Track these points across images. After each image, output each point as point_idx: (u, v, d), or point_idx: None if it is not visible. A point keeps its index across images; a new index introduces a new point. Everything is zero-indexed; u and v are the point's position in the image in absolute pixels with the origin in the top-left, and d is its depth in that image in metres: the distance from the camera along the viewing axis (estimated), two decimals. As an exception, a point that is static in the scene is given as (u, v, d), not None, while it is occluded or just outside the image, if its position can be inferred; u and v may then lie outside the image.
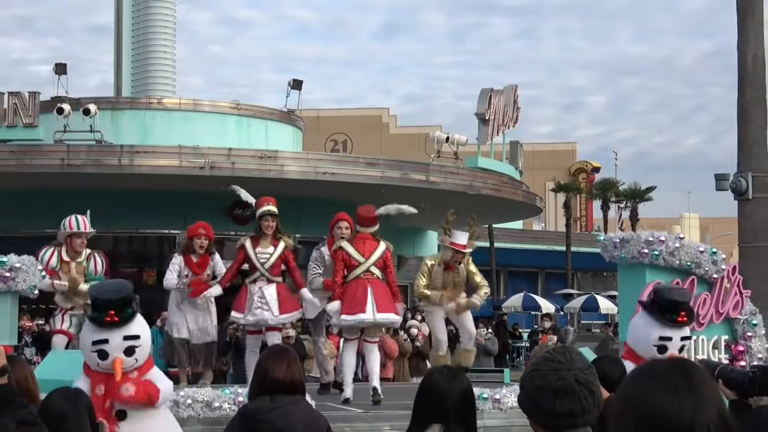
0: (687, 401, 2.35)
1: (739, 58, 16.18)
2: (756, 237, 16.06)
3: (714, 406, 2.37)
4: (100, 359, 6.84)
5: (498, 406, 10.28)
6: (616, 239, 10.96)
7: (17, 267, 9.36)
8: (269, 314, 11.88)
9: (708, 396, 2.40)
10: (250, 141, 30.85)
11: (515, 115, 33.00)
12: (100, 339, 6.82)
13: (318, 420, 5.44)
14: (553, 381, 3.27)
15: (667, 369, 2.44)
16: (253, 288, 11.91)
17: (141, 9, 41.37)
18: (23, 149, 25.93)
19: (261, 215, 12.03)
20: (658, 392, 2.38)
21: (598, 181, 60.69)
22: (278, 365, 5.32)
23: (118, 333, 6.81)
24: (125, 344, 6.83)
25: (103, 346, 6.82)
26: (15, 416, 3.89)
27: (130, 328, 6.87)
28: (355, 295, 11.67)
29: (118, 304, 6.84)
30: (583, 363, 3.38)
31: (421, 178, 26.90)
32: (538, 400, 3.29)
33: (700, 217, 76.79)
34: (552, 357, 3.38)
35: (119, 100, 35.48)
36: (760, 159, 16.12)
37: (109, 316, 6.80)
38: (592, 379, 3.33)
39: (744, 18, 16.19)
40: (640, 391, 2.40)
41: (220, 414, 9.08)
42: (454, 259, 12.56)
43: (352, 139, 62.73)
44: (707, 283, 10.83)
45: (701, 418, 2.35)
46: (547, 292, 45.39)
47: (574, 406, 3.25)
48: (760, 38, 16.21)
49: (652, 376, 2.43)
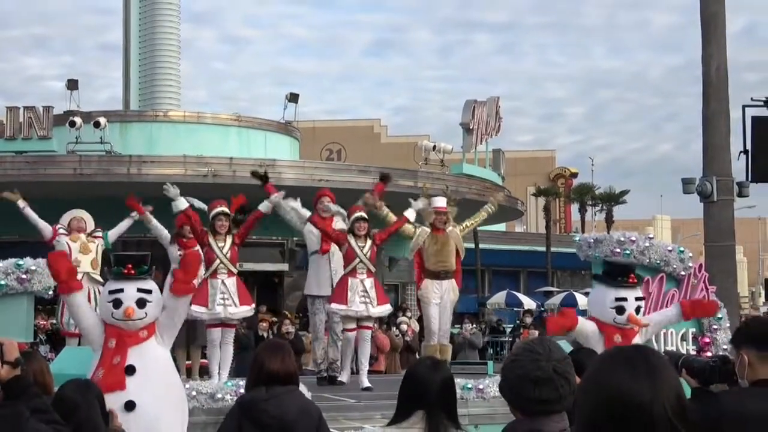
0: (646, 383, 2.41)
1: (704, 70, 16.22)
2: (720, 236, 16.11)
3: (671, 389, 2.43)
4: (114, 308, 7.12)
5: (481, 396, 10.30)
6: (590, 239, 11.02)
7: (33, 270, 9.39)
8: (232, 308, 11.54)
9: (666, 379, 2.45)
10: (250, 151, 30.83)
11: (497, 125, 33.06)
12: (116, 288, 7.20)
13: (311, 408, 5.49)
14: (532, 371, 3.31)
15: (630, 355, 2.50)
16: (215, 282, 11.52)
17: (148, 28, 41.35)
18: (38, 160, 25.91)
19: (214, 216, 11.74)
20: (620, 375, 2.44)
21: (576, 185, 60.74)
22: (273, 358, 5.37)
23: (133, 284, 7.17)
24: (138, 296, 7.16)
25: (119, 295, 7.15)
26: (29, 405, 3.94)
27: (144, 283, 7.25)
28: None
29: (136, 259, 7.26)
30: (561, 354, 3.42)
31: (410, 184, 26.89)
32: (518, 388, 3.33)
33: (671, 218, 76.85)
34: (531, 348, 3.42)
35: (127, 114, 35.46)
36: (723, 164, 16.17)
37: (126, 268, 7.17)
38: (569, 368, 3.38)
39: (707, 32, 16.22)
40: (604, 374, 2.46)
41: (223, 405, 9.08)
42: (438, 219, 12.53)
43: (345, 149, 62.66)
44: (675, 280, 10.89)
45: (659, 398, 2.41)
46: (528, 290, 45.38)
47: (552, 394, 3.29)
48: (723, 51, 16.24)
49: (616, 361, 2.49)
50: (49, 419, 4.00)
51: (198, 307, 11.51)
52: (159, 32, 41.40)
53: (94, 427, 4.67)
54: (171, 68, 41.98)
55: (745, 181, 16.35)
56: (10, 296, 9.35)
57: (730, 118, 16.33)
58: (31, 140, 27.11)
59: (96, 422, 4.71)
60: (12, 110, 27.71)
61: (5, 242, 25.57)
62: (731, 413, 4.11)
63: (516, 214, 36.29)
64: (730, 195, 16.12)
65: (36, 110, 27.47)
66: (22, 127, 27.19)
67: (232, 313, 11.61)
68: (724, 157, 16.19)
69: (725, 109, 16.20)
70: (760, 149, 15.91)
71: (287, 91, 34.10)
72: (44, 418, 3.97)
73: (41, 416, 3.96)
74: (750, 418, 4.06)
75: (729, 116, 16.32)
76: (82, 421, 4.59)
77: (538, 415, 3.29)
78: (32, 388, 4.05)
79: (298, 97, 33.96)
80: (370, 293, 12.25)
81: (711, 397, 4.34)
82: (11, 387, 3.96)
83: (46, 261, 7.99)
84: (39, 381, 5.07)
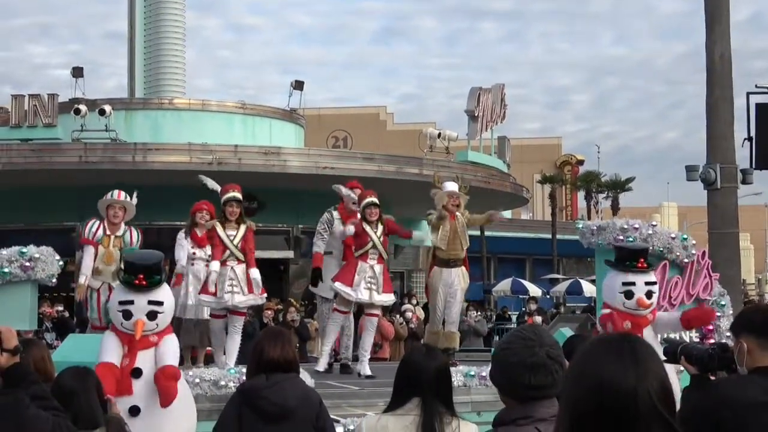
0: (631, 370, 2.43)
1: (708, 57, 16.17)
2: (724, 224, 16.09)
3: (656, 376, 2.45)
4: (124, 318, 6.99)
5: (484, 383, 10.27)
6: (593, 227, 10.99)
7: (36, 257, 9.42)
8: (240, 296, 11.46)
9: (651, 366, 2.47)
10: (255, 138, 30.81)
11: (503, 112, 33.04)
12: (126, 300, 7.00)
13: (311, 395, 5.51)
14: (526, 357, 3.33)
15: (616, 342, 2.53)
16: (224, 270, 11.42)
17: (153, 16, 41.32)
18: (43, 147, 25.93)
19: (226, 201, 11.56)
20: (606, 361, 2.46)
21: (582, 173, 60.65)
22: (273, 346, 5.38)
23: (144, 296, 6.99)
24: (149, 308, 6.99)
25: (129, 307, 6.98)
26: (29, 392, 3.97)
27: (155, 294, 7.03)
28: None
29: (148, 269, 7.02)
30: (551, 339, 3.46)
31: (415, 171, 26.90)
32: (513, 375, 3.34)
33: (678, 205, 76.75)
34: (523, 335, 3.44)
35: (132, 101, 35.43)
36: (727, 152, 16.13)
37: (138, 279, 6.97)
38: (560, 353, 3.40)
39: (712, 20, 16.18)
40: (590, 361, 2.49)
41: (226, 392, 9.09)
42: (452, 203, 12.52)
43: (351, 136, 62.65)
44: (679, 267, 10.86)
45: (643, 385, 2.43)
46: (534, 277, 45.39)
47: (546, 379, 3.32)
48: (727, 39, 16.20)
49: (602, 348, 2.51)
50: (48, 406, 4.02)
51: (206, 296, 11.53)
52: (164, 20, 41.37)
53: (92, 414, 4.68)
54: (176, 56, 41.96)
55: (749, 168, 16.33)
56: (14, 284, 9.38)
57: (734, 105, 16.30)
58: (36, 128, 27.11)
59: (94, 409, 4.72)
60: (17, 98, 27.71)
61: (10, 230, 25.65)
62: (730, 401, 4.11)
63: (521, 202, 36.28)
64: (734, 182, 16.09)
65: (41, 98, 27.47)
66: (27, 115, 27.19)
67: (240, 301, 11.52)
68: (728, 145, 16.16)
69: (729, 97, 16.17)
70: (765, 136, 15.89)
71: (292, 79, 34.12)
72: (44, 405, 3.99)
73: (41, 403, 3.98)
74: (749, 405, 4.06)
75: (733, 104, 16.29)
76: (81, 408, 4.61)
77: (530, 401, 3.32)
78: (31, 376, 4.07)
79: (303, 85, 33.93)
80: (379, 279, 12.21)
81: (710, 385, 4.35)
82: (10, 374, 3.97)
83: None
84: (40, 368, 5.09)
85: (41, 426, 3.91)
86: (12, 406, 3.91)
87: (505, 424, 3.34)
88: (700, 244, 11.59)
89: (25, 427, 3.89)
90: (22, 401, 3.90)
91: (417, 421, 4.42)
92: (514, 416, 3.32)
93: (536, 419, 3.29)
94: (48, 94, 27.75)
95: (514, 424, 3.31)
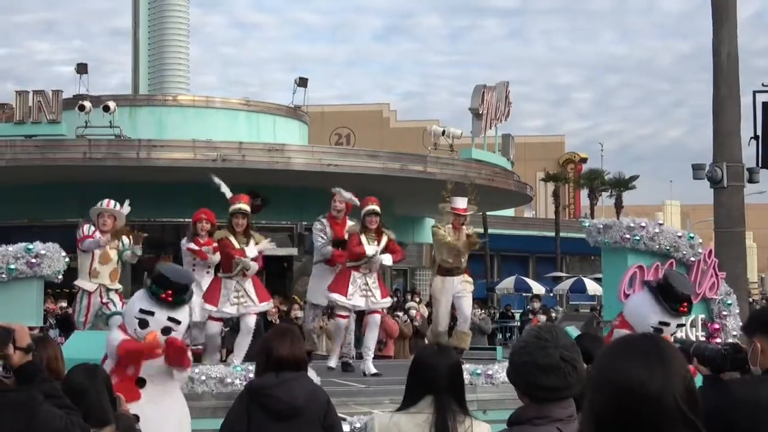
0: (657, 373, 2.39)
1: (714, 56, 16.15)
2: (730, 222, 16.06)
3: (681, 379, 2.40)
4: (140, 327, 7.01)
5: (490, 381, 10.27)
6: (599, 225, 10.95)
7: (42, 254, 9.40)
8: (250, 305, 11.41)
9: (676, 370, 2.42)
10: (259, 135, 30.79)
11: (507, 110, 32.94)
12: (148, 310, 7.03)
13: (319, 394, 5.50)
14: (540, 358, 3.30)
15: (641, 343, 2.48)
16: (228, 283, 11.33)
17: (157, 13, 41.33)
18: (47, 144, 25.89)
19: (233, 212, 11.39)
20: (631, 364, 2.41)
21: (585, 171, 60.61)
22: (282, 344, 5.36)
23: (166, 312, 7.06)
24: (166, 324, 7.06)
25: (148, 317, 7.03)
26: (41, 389, 3.97)
27: (176, 312, 7.11)
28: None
29: (178, 288, 7.05)
30: (568, 341, 3.40)
31: (419, 168, 26.85)
32: (526, 375, 3.32)
33: (681, 204, 76.64)
34: (539, 335, 3.40)
35: (137, 98, 35.40)
36: (733, 150, 16.11)
37: (165, 293, 7.00)
38: (576, 356, 3.35)
39: (719, 18, 16.15)
40: (615, 362, 2.44)
41: (233, 389, 9.08)
42: (456, 221, 12.74)
43: (354, 133, 62.60)
44: (685, 266, 10.83)
45: (669, 388, 2.38)
46: (537, 275, 45.41)
47: (560, 381, 3.28)
48: (734, 37, 16.16)
49: (627, 350, 2.46)
50: (61, 404, 4.02)
51: (210, 306, 11.42)
52: (168, 17, 41.38)
53: (102, 411, 4.67)
54: (180, 53, 41.96)
55: (756, 166, 16.32)
56: (20, 280, 9.36)
57: (740, 104, 16.27)
58: (40, 124, 27.06)
59: (104, 407, 4.71)
60: (21, 94, 27.67)
61: (15, 226, 25.62)
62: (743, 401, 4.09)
63: (525, 199, 36.21)
64: (740, 181, 16.07)
65: (45, 94, 27.42)
66: (31, 111, 27.15)
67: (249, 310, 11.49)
68: (735, 143, 16.15)
69: (735, 95, 16.14)
70: (771, 135, 15.87)
71: (296, 76, 34.09)
72: (56, 403, 4.00)
73: (53, 401, 3.99)
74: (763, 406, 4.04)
75: (739, 102, 16.27)
76: (91, 406, 4.60)
77: (545, 402, 3.29)
78: (43, 373, 4.07)
79: (307, 82, 33.91)
80: (372, 288, 12.17)
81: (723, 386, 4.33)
82: (23, 372, 3.98)
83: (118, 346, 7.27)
84: (52, 367, 5.09)
85: (54, 423, 3.92)
86: (26, 402, 3.91)
87: (521, 423, 3.32)
88: (705, 243, 11.55)
89: (38, 424, 3.90)
90: (36, 399, 3.91)
91: (430, 420, 4.40)
92: (530, 415, 3.30)
93: (553, 419, 3.26)
94: (52, 90, 27.70)
95: (530, 423, 3.29)
